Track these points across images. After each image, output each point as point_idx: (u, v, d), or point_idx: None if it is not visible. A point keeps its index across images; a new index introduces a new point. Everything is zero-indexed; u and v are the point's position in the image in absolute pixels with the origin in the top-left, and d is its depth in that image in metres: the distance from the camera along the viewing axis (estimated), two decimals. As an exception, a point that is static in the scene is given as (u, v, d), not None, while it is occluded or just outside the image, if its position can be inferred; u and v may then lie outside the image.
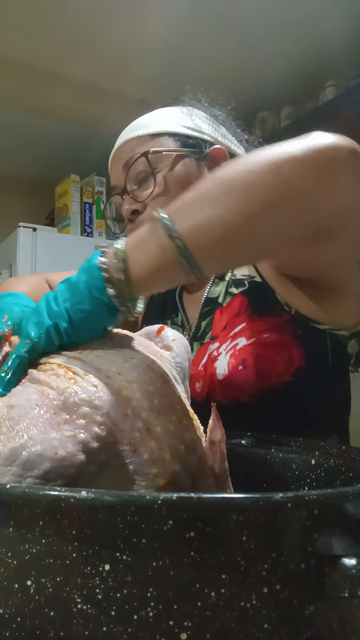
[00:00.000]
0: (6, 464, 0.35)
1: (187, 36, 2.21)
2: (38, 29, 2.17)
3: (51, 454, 0.35)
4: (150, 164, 0.75)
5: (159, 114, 0.82)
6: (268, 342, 0.67)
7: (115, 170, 0.81)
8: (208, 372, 0.71)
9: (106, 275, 0.43)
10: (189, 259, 0.41)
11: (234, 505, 0.26)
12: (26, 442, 0.35)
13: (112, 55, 2.34)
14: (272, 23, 2.16)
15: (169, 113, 0.82)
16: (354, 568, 0.26)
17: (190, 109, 0.83)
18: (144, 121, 0.80)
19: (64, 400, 0.38)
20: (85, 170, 2.74)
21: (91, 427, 0.37)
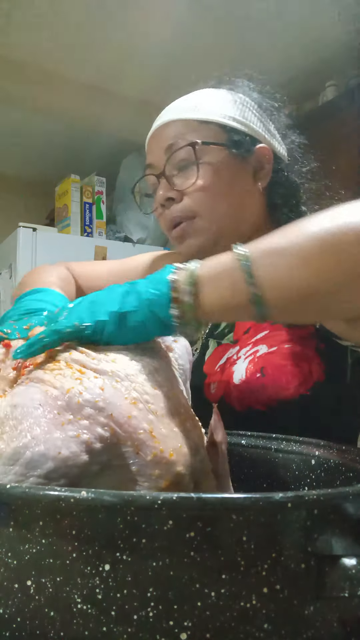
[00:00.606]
0: (9, 463, 0.35)
1: (187, 37, 2.21)
2: (38, 29, 2.17)
3: (54, 453, 0.35)
4: (197, 156, 0.73)
5: (210, 98, 0.77)
6: (289, 353, 0.66)
7: (155, 149, 0.77)
8: (225, 375, 0.70)
9: (174, 295, 0.44)
10: (261, 308, 0.42)
11: (234, 505, 0.26)
12: (30, 442, 0.35)
13: (112, 55, 2.34)
14: (272, 24, 2.16)
15: (220, 99, 0.77)
16: (354, 568, 0.26)
17: (242, 97, 0.79)
18: (194, 103, 0.76)
19: (68, 401, 0.38)
20: (85, 170, 2.74)
21: (94, 428, 0.37)
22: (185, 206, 0.74)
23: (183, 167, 0.74)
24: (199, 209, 0.73)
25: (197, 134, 0.74)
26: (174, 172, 0.75)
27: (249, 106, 0.78)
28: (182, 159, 0.74)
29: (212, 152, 0.74)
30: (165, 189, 0.75)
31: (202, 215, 0.74)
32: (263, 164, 0.77)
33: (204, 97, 0.77)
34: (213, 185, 0.73)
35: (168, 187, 0.75)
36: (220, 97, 0.77)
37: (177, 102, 0.79)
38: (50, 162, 3.02)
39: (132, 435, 0.38)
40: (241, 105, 0.77)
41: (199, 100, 0.77)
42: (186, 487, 0.39)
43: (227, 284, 0.43)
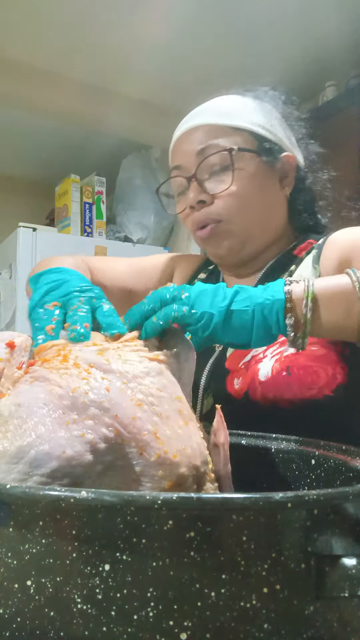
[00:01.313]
0: (13, 461, 0.35)
1: (187, 37, 2.21)
2: (38, 29, 2.17)
3: (59, 452, 0.35)
4: (233, 162, 0.75)
5: (238, 104, 0.79)
6: (315, 356, 0.68)
7: (184, 151, 0.79)
8: (250, 371, 0.71)
9: (289, 305, 0.48)
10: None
11: (234, 505, 0.26)
12: (34, 441, 0.35)
13: (112, 55, 2.34)
14: (272, 24, 2.16)
15: (249, 106, 0.80)
16: (354, 568, 0.26)
17: (267, 106, 0.82)
18: (225, 108, 0.78)
19: (73, 400, 0.38)
20: (85, 170, 2.74)
21: (99, 428, 0.37)
22: (217, 209, 0.76)
23: (216, 172, 0.76)
24: (230, 213, 0.76)
25: (229, 139, 0.76)
26: (206, 176, 0.77)
27: (274, 115, 0.81)
28: (215, 164, 0.76)
29: (245, 159, 0.77)
30: (196, 191, 0.77)
31: (232, 220, 0.77)
32: (288, 172, 0.81)
33: (232, 103, 0.79)
34: (245, 190, 0.76)
35: (199, 190, 0.77)
36: (247, 104, 0.80)
37: (205, 106, 0.80)
38: (50, 162, 3.02)
39: (136, 436, 0.38)
40: (268, 113, 0.80)
41: (228, 106, 0.79)
42: (189, 488, 0.39)
43: (343, 306, 0.49)
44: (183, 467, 0.38)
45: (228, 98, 0.81)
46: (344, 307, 0.49)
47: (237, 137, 0.77)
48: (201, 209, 0.77)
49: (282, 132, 0.81)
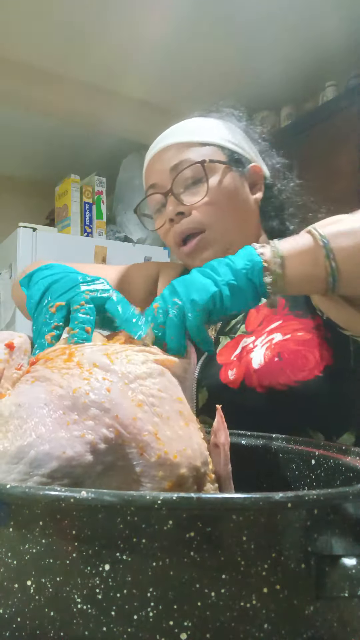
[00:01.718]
0: (13, 461, 0.35)
1: (187, 36, 2.21)
2: (38, 29, 2.17)
3: (59, 453, 0.35)
4: (206, 173, 0.80)
5: (206, 124, 0.86)
6: (302, 340, 0.74)
7: (158, 170, 0.84)
8: (243, 362, 0.76)
9: (266, 265, 0.52)
10: (335, 279, 0.53)
11: (234, 505, 0.26)
12: (34, 441, 0.35)
13: (112, 55, 2.34)
14: (272, 23, 2.16)
15: (214, 124, 0.86)
16: (354, 568, 0.26)
17: (229, 124, 0.88)
18: (192, 128, 0.84)
19: (74, 401, 0.38)
20: (85, 170, 2.75)
21: (100, 428, 0.37)
22: (196, 219, 0.80)
23: (191, 185, 0.81)
24: (209, 222, 0.80)
25: (199, 153, 0.81)
26: (181, 190, 0.81)
27: (237, 131, 0.88)
28: (189, 177, 0.81)
29: (216, 170, 0.81)
30: (174, 204, 0.81)
31: (212, 228, 0.81)
32: (256, 181, 0.87)
33: (198, 123, 0.86)
34: (220, 199, 0.81)
35: (177, 202, 0.81)
36: (212, 123, 0.86)
37: (172, 129, 0.86)
38: (50, 162, 3.02)
39: (136, 436, 0.38)
40: (232, 130, 0.87)
41: (195, 126, 0.85)
42: (189, 489, 0.39)
43: (310, 259, 0.53)
44: (183, 467, 0.38)
45: (193, 120, 0.87)
46: (311, 259, 0.53)
47: (206, 151, 0.82)
48: (180, 220, 0.81)
49: (246, 146, 0.87)
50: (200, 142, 0.82)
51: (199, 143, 0.82)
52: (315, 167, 2.41)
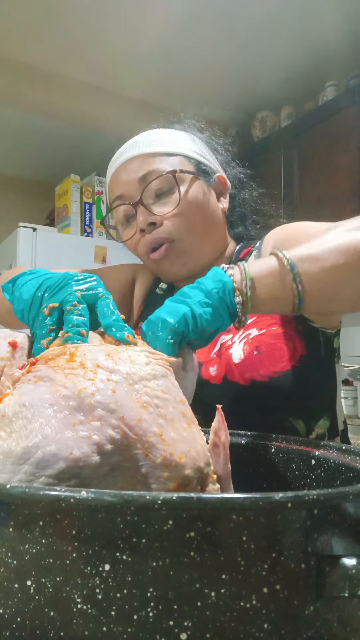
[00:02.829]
0: (18, 462, 0.35)
1: (187, 36, 2.21)
2: (38, 29, 2.17)
3: (66, 454, 0.35)
4: (177, 183, 0.80)
5: (169, 135, 0.85)
6: (277, 334, 0.78)
7: (126, 180, 0.83)
8: (223, 358, 0.79)
9: (236, 286, 0.54)
10: (302, 300, 0.55)
11: (234, 505, 0.26)
12: (40, 441, 0.35)
13: (112, 55, 2.34)
14: (272, 23, 2.16)
15: (178, 135, 0.86)
16: (354, 568, 0.26)
17: (192, 135, 0.89)
18: (156, 139, 0.84)
19: (79, 401, 0.38)
20: (85, 170, 2.75)
21: (106, 429, 0.37)
22: (168, 229, 0.80)
23: (161, 195, 0.81)
24: (180, 232, 0.81)
25: (167, 164, 0.82)
26: (151, 200, 0.81)
27: (200, 143, 0.89)
28: (159, 187, 0.81)
29: (186, 180, 0.82)
30: (145, 214, 0.81)
31: (183, 238, 0.81)
32: (222, 190, 0.89)
33: (161, 134, 0.85)
34: (190, 209, 0.81)
35: (148, 213, 0.81)
36: (175, 134, 0.86)
37: (135, 141, 0.85)
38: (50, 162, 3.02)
39: (142, 437, 0.38)
40: (195, 141, 0.88)
41: (159, 137, 0.84)
42: (193, 489, 0.39)
43: (278, 281, 0.55)
44: (188, 468, 0.38)
45: (156, 130, 0.87)
46: (279, 282, 0.55)
47: (173, 160, 0.82)
48: (152, 231, 0.81)
49: (210, 156, 0.88)
50: (166, 152, 0.82)
51: (165, 153, 0.82)
52: (315, 167, 2.41)
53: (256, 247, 0.87)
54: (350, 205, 2.20)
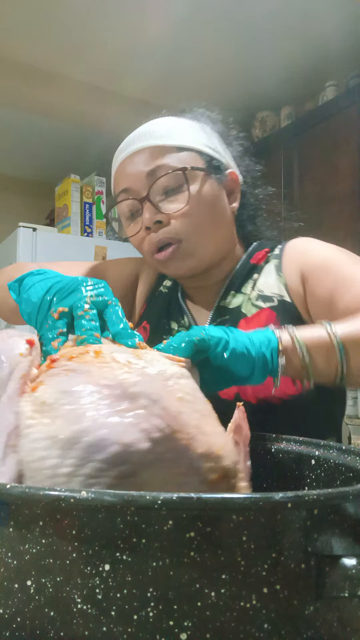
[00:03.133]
0: (66, 447, 0.34)
1: (187, 36, 2.21)
2: (38, 29, 2.17)
3: (116, 438, 0.34)
4: (187, 181, 0.76)
5: (180, 126, 0.81)
6: None
7: (133, 174, 0.79)
8: None
9: (281, 348, 0.56)
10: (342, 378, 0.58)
11: (234, 505, 0.26)
12: (90, 425, 0.34)
13: (112, 55, 2.34)
14: (272, 23, 2.16)
15: (189, 127, 0.81)
16: (354, 568, 0.26)
17: (205, 126, 0.83)
18: (165, 130, 0.79)
19: (122, 390, 0.38)
20: (85, 170, 2.75)
21: (151, 418, 0.36)
22: (175, 229, 0.76)
23: (169, 192, 0.77)
24: (188, 232, 0.77)
25: (177, 159, 0.77)
26: (158, 197, 0.77)
27: (213, 135, 0.83)
28: (167, 184, 0.76)
29: (196, 177, 0.78)
30: (152, 212, 0.76)
31: (191, 239, 0.77)
32: (233, 188, 0.84)
33: (172, 124, 0.80)
34: (199, 208, 0.77)
35: (155, 210, 0.76)
36: (187, 125, 0.81)
37: (143, 130, 0.80)
38: (50, 162, 3.02)
39: (183, 428, 0.37)
40: (207, 133, 0.82)
41: (168, 128, 0.79)
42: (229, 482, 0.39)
43: (324, 354, 0.58)
44: (227, 461, 0.38)
45: (165, 120, 0.82)
46: (325, 356, 0.58)
47: (184, 156, 0.77)
48: (158, 229, 0.77)
49: (222, 150, 0.83)
50: (177, 146, 0.78)
51: (176, 147, 0.78)
52: (315, 167, 2.41)
53: (274, 256, 0.84)
54: (350, 205, 2.20)
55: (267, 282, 0.81)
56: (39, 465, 0.34)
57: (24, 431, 0.36)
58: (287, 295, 0.79)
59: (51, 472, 0.33)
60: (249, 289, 0.82)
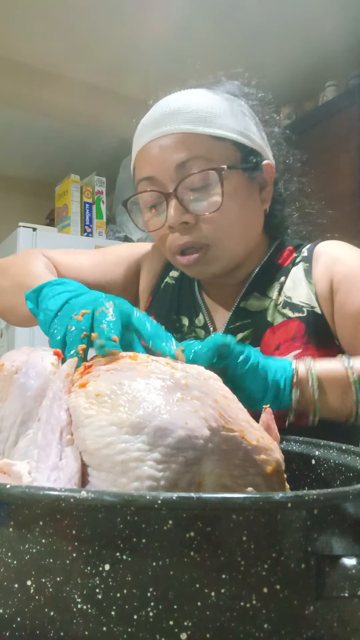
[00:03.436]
0: (133, 432, 0.34)
1: (187, 37, 2.21)
2: (38, 29, 2.17)
3: (182, 423, 0.34)
4: (222, 182, 0.68)
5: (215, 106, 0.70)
6: None
7: (161, 162, 0.69)
8: None
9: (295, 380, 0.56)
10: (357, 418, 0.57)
11: (234, 505, 0.26)
12: (154, 411, 0.34)
13: (112, 55, 2.34)
14: (272, 23, 2.16)
15: (226, 108, 0.71)
16: (354, 568, 0.26)
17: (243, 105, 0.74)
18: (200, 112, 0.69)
19: (175, 382, 0.38)
20: (85, 170, 2.75)
21: (207, 408, 0.37)
22: (202, 233, 0.69)
23: (198, 189, 0.69)
24: (214, 237, 0.70)
25: (212, 152, 0.68)
26: (187, 193, 0.69)
27: (250, 116, 0.75)
28: (198, 181, 0.68)
29: (232, 176, 0.70)
30: (178, 211, 0.68)
31: (217, 244, 0.71)
32: (267, 182, 0.75)
33: (206, 104, 0.70)
34: (230, 209, 0.70)
35: (182, 209, 0.68)
36: (223, 106, 0.71)
37: (177, 106, 0.70)
38: (50, 162, 3.02)
39: (236, 421, 0.38)
40: (244, 116, 0.73)
41: (203, 109, 0.69)
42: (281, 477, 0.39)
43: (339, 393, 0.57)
44: (278, 453, 0.39)
45: (199, 97, 0.71)
46: (340, 393, 0.57)
47: (219, 148, 0.69)
48: (183, 230, 0.70)
49: (259, 136, 0.74)
50: (214, 135, 0.68)
51: (213, 138, 0.68)
52: (315, 167, 2.40)
53: (303, 259, 0.77)
54: (350, 205, 2.20)
55: (295, 289, 0.75)
56: (108, 451, 0.34)
57: (84, 421, 0.36)
58: (318, 307, 0.73)
59: (122, 456, 0.33)
60: (275, 293, 0.75)
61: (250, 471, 0.36)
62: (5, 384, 0.43)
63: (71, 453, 0.36)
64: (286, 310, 0.74)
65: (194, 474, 0.34)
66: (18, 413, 0.41)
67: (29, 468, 0.36)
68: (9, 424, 0.41)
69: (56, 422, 0.38)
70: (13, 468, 0.35)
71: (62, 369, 0.42)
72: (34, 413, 0.41)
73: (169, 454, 0.33)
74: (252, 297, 0.77)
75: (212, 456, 0.35)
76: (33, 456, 0.36)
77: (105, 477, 0.34)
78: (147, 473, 0.33)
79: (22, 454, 0.39)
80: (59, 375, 0.41)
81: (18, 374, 0.43)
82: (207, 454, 0.35)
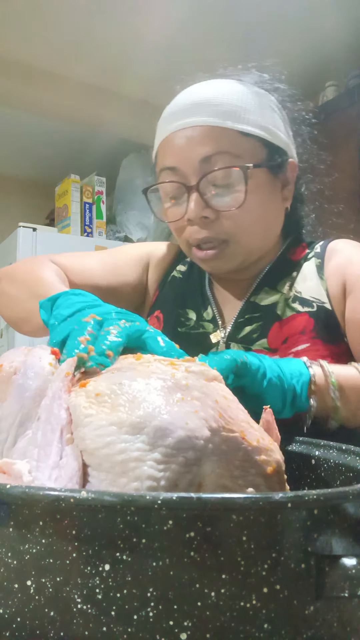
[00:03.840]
0: (133, 432, 0.34)
1: (187, 36, 2.21)
2: (38, 29, 2.17)
3: (182, 423, 0.34)
4: (246, 180, 0.67)
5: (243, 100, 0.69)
6: None
7: (185, 153, 0.68)
8: None
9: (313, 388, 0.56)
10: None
11: (234, 505, 0.26)
12: (154, 411, 0.34)
13: (112, 55, 2.34)
14: (272, 23, 2.16)
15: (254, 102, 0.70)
16: (354, 568, 0.26)
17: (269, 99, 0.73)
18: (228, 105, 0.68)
19: (175, 382, 0.38)
20: (85, 170, 2.75)
21: (207, 409, 0.37)
22: (222, 229, 0.69)
23: (222, 185, 0.68)
24: (237, 233, 0.70)
25: (238, 147, 0.68)
26: (210, 188, 0.69)
27: (279, 112, 0.74)
28: (223, 178, 0.68)
29: (257, 174, 0.69)
30: (199, 206, 0.68)
31: (236, 240, 0.70)
32: (290, 180, 0.75)
33: (234, 96, 0.69)
34: (252, 207, 0.69)
35: (203, 204, 0.68)
36: (251, 100, 0.70)
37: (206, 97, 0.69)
38: (50, 162, 3.02)
39: (236, 422, 0.38)
40: (272, 110, 0.72)
41: (231, 102, 0.69)
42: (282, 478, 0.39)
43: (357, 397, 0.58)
44: (278, 454, 0.39)
45: (229, 88, 0.70)
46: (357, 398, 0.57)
47: (246, 144, 0.68)
48: (203, 225, 0.70)
49: (285, 133, 0.74)
50: (242, 131, 0.68)
51: (240, 133, 0.68)
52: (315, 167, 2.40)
53: (315, 255, 0.77)
54: (350, 206, 2.20)
55: (306, 284, 0.75)
56: (108, 451, 0.34)
57: (84, 421, 0.36)
58: (328, 302, 0.73)
59: (122, 456, 0.33)
60: (286, 287, 0.76)
61: (251, 472, 0.36)
62: (4, 385, 0.43)
63: (71, 452, 0.36)
64: (296, 304, 0.74)
65: (194, 474, 0.34)
66: (17, 414, 0.41)
67: (29, 467, 0.36)
68: (8, 425, 0.41)
69: (56, 421, 0.37)
70: (13, 467, 0.35)
71: (62, 368, 0.42)
72: (32, 414, 0.41)
73: (169, 454, 0.33)
74: (262, 292, 0.77)
75: (212, 457, 0.35)
76: (33, 455, 0.36)
77: (104, 476, 0.34)
78: (147, 473, 0.33)
79: (21, 454, 0.39)
80: (58, 375, 0.41)
81: (16, 375, 0.43)
82: (207, 454, 0.35)
